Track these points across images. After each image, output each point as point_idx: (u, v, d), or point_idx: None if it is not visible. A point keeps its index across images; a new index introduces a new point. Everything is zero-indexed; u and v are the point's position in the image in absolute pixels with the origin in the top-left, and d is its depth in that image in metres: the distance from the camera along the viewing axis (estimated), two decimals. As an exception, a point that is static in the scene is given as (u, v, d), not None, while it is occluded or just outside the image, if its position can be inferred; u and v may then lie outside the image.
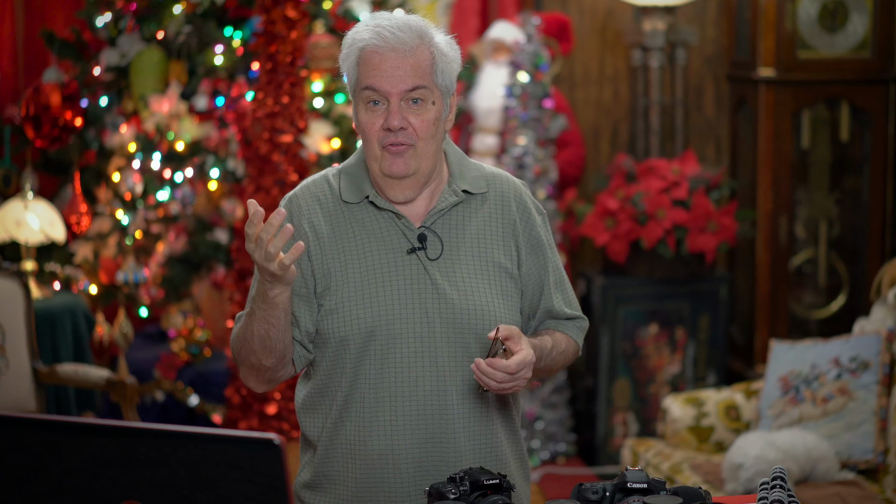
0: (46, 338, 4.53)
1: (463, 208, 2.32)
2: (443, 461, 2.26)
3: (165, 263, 4.98)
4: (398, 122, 2.22)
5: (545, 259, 2.36)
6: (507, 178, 2.38)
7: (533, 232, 2.35)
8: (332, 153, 5.03)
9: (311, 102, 4.94)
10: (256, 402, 4.48)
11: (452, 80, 2.28)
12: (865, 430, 3.96)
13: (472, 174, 2.35)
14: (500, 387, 2.16)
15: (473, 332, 2.26)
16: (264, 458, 1.64)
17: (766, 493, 2.10)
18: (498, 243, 2.31)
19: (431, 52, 2.24)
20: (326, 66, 5.05)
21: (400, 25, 2.23)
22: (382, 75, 2.21)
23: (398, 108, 2.22)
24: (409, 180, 2.26)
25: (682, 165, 5.32)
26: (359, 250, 2.28)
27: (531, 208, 2.36)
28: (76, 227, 4.94)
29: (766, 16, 5.31)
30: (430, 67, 2.23)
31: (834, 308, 5.61)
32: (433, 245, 2.28)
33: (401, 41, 2.21)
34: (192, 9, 4.94)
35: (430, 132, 2.24)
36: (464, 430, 2.27)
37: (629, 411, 5.33)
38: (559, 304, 2.37)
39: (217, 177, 4.90)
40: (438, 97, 2.25)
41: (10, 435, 1.74)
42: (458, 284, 2.27)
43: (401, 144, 2.23)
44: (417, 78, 2.21)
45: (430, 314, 2.25)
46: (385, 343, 2.25)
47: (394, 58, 2.21)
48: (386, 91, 2.22)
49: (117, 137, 4.95)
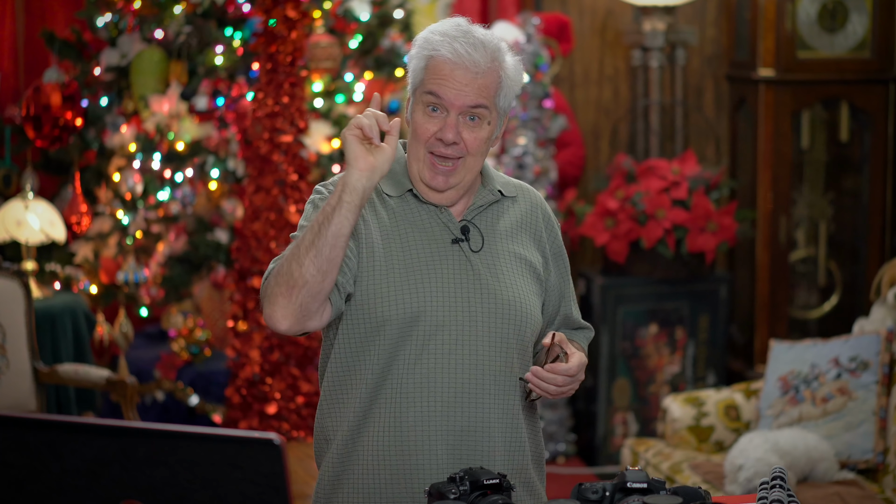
0: (47, 338, 4.53)
1: (498, 207, 2.39)
2: (477, 450, 2.28)
3: (165, 263, 4.99)
4: (452, 136, 2.26)
5: (566, 268, 2.46)
6: (530, 188, 2.47)
7: (556, 241, 2.44)
8: (332, 153, 5.03)
9: (311, 102, 4.94)
10: (256, 402, 4.48)
11: (511, 103, 2.33)
12: (865, 430, 3.97)
13: (502, 180, 2.43)
14: (559, 391, 2.24)
15: (513, 324, 2.31)
16: (264, 458, 1.64)
17: (766, 493, 2.10)
18: (528, 243, 2.40)
19: (500, 75, 2.28)
20: (326, 66, 5.05)
21: (475, 44, 2.26)
22: (449, 87, 2.25)
23: (455, 121, 2.26)
24: (452, 192, 2.33)
25: (682, 165, 5.32)
26: (402, 238, 2.31)
27: (553, 219, 2.46)
28: (76, 227, 4.94)
29: (766, 16, 5.31)
30: (496, 90, 2.28)
31: (833, 308, 5.61)
32: (475, 238, 2.34)
33: (474, 62, 2.25)
34: (193, 9, 4.94)
35: (480, 149, 2.30)
36: (497, 421, 2.30)
37: (629, 411, 5.33)
38: (576, 312, 2.49)
39: (217, 177, 4.90)
40: (495, 118, 2.31)
41: (10, 435, 1.74)
42: (500, 276, 2.32)
43: (448, 159, 2.28)
44: (481, 97, 2.26)
45: (473, 304, 2.29)
46: (428, 329, 2.27)
47: (463, 75, 2.25)
48: (448, 102, 2.26)
49: (117, 137, 4.96)
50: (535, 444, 2.41)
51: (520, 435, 2.34)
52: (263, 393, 4.46)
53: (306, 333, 2.26)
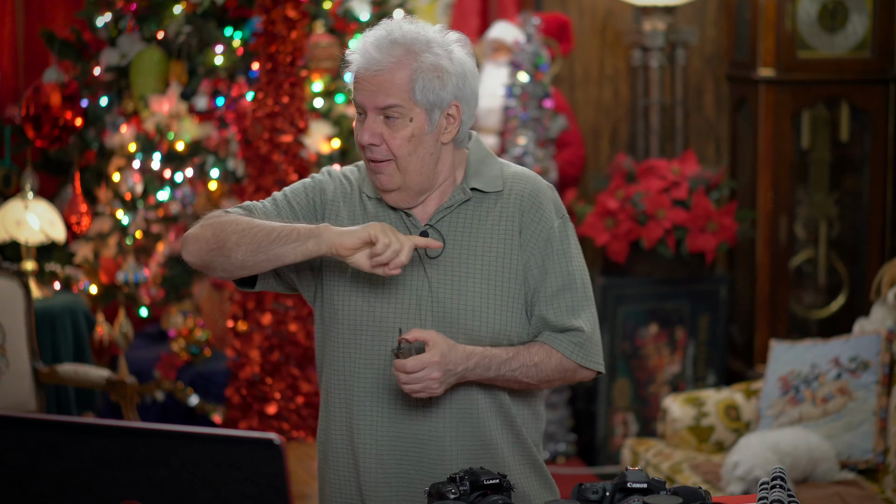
0: (46, 338, 4.53)
1: (473, 206, 2.32)
2: (426, 458, 2.29)
3: (165, 263, 4.99)
4: (367, 138, 2.25)
5: (550, 263, 2.32)
6: (529, 178, 2.36)
7: (540, 233, 2.32)
8: (332, 153, 5.04)
9: (311, 102, 4.94)
10: (256, 402, 4.48)
11: (445, 94, 2.26)
12: (865, 430, 3.97)
13: (491, 173, 2.35)
14: (410, 388, 2.18)
15: (463, 332, 2.27)
16: (264, 458, 1.64)
17: (766, 493, 2.10)
18: (504, 242, 2.31)
19: (412, 67, 2.24)
20: (326, 66, 5.05)
21: (380, 44, 2.25)
22: (359, 90, 2.26)
23: (372, 123, 2.26)
24: (398, 193, 2.30)
25: (682, 165, 5.32)
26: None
27: (546, 210, 2.33)
28: (76, 227, 4.94)
29: (766, 16, 5.31)
30: (409, 84, 2.23)
31: (834, 308, 5.61)
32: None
33: (375, 61, 2.23)
34: (193, 9, 4.94)
35: (406, 149, 2.26)
36: (450, 430, 2.29)
37: (629, 411, 5.33)
38: (555, 313, 2.31)
39: (217, 177, 4.90)
40: (419, 114, 2.25)
41: (10, 435, 1.74)
42: (454, 283, 2.28)
43: (377, 161, 2.27)
44: (389, 96, 2.23)
45: (423, 312, 2.27)
46: (373, 336, 2.29)
47: (369, 76, 2.24)
48: (362, 104, 2.26)
49: (117, 137, 4.96)
50: (519, 445, 2.35)
51: (484, 440, 2.31)
52: (263, 393, 4.46)
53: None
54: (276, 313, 4.44)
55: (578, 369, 2.33)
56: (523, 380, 2.28)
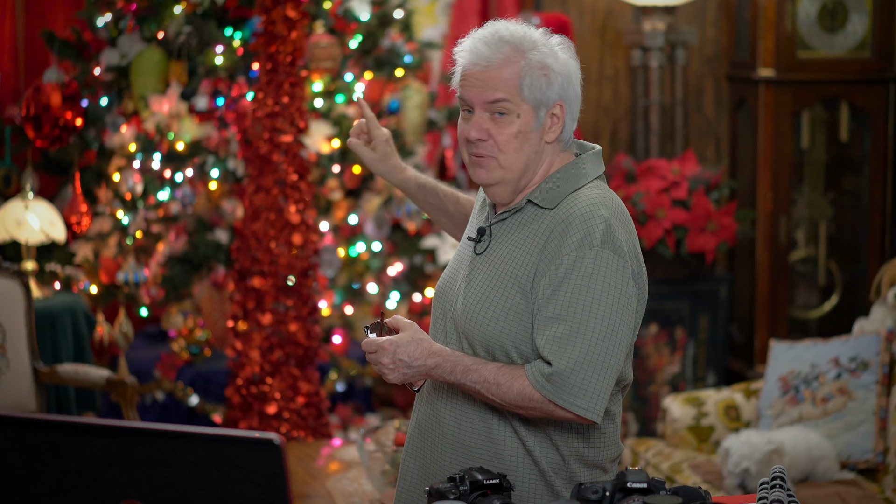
0: (47, 338, 4.53)
1: (521, 217, 2.35)
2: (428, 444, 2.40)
3: (165, 263, 4.99)
4: (476, 134, 2.30)
5: (557, 289, 2.23)
6: (587, 203, 2.28)
7: (557, 259, 2.24)
8: (332, 153, 5.04)
9: (311, 102, 4.94)
10: (256, 402, 4.48)
11: (551, 93, 2.29)
12: (865, 430, 3.97)
13: (560, 190, 2.32)
14: (374, 369, 2.32)
15: (461, 330, 2.35)
16: (264, 458, 1.64)
17: (766, 493, 2.10)
18: (524, 257, 2.30)
19: (521, 65, 2.27)
20: (326, 66, 5.05)
21: (490, 41, 2.29)
22: (468, 86, 2.30)
23: (480, 119, 2.29)
24: (498, 188, 2.34)
25: (682, 165, 5.32)
26: (469, 228, 2.48)
27: (571, 238, 2.24)
28: (76, 227, 4.94)
29: (766, 16, 5.31)
30: (517, 80, 2.27)
31: (826, 308, 5.61)
32: (485, 241, 2.38)
33: (484, 57, 2.28)
34: (193, 9, 4.94)
35: (512, 145, 2.29)
36: (448, 418, 2.36)
37: (629, 411, 5.33)
38: (540, 338, 2.23)
39: (217, 177, 4.90)
40: (527, 110, 2.28)
41: (10, 435, 1.74)
42: (477, 283, 2.34)
43: (481, 156, 2.31)
44: (498, 91, 2.27)
45: (456, 301, 2.38)
46: (433, 310, 2.45)
47: (476, 71, 2.29)
48: (470, 100, 2.30)
49: (117, 137, 4.95)
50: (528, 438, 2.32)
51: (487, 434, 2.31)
52: (263, 393, 4.46)
53: None
54: (276, 313, 4.44)
55: (548, 404, 2.21)
56: (488, 396, 2.25)
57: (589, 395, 2.20)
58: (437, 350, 2.27)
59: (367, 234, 5.27)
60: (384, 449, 3.40)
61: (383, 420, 5.06)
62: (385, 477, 3.37)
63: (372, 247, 5.29)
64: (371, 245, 5.28)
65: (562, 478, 2.32)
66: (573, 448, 2.31)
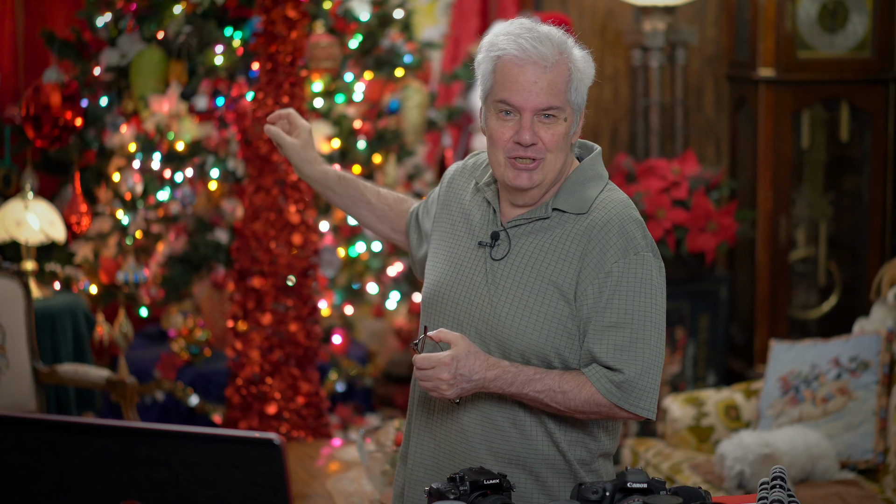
0: (46, 338, 4.52)
1: (549, 224, 2.30)
2: (455, 450, 2.32)
3: (165, 263, 4.98)
4: (530, 138, 2.24)
5: (606, 297, 2.24)
6: (614, 207, 2.31)
7: (602, 266, 2.24)
8: (332, 153, 5.03)
9: (311, 102, 4.94)
10: (256, 402, 4.48)
11: (584, 96, 2.29)
12: (865, 430, 3.97)
13: (584, 195, 2.31)
14: (421, 384, 2.22)
15: (496, 340, 2.27)
16: (264, 458, 1.64)
17: (766, 493, 2.10)
18: (565, 264, 2.27)
19: (569, 68, 2.25)
20: (326, 66, 5.05)
21: (541, 38, 2.24)
22: (519, 90, 2.22)
23: (530, 123, 2.24)
24: (535, 190, 2.30)
25: (682, 165, 5.32)
26: (455, 230, 2.40)
27: (614, 243, 2.26)
28: (76, 227, 4.94)
29: (766, 16, 5.31)
30: (566, 85, 2.24)
31: (829, 308, 5.61)
32: (502, 246, 2.31)
33: (541, 55, 2.22)
34: (193, 9, 4.94)
35: (559, 146, 2.26)
36: (475, 428, 2.30)
37: (629, 411, 5.33)
38: (601, 348, 2.24)
39: (217, 177, 4.90)
40: (570, 114, 2.27)
41: (10, 435, 1.74)
42: (507, 290, 2.28)
43: (531, 160, 2.25)
44: (552, 97, 2.23)
45: (473, 306, 2.30)
46: (435, 319, 2.35)
47: (532, 72, 2.22)
48: (520, 106, 2.23)
49: (117, 137, 4.95)
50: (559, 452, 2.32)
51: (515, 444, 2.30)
52: (263, 393, 4.46)
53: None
54: (276, 313, 4.44)
55: (614, 408, 2.25)
56: (550, 404, 2.24)
57: (650, 397, 2.27)
58: (494, 362, 2.22)
59: (366, 234, 5.27)
60: (384, 449, 3.40)
61: (383, 420, 5.06)
62: (385, 477, 3.36)
63: (372, 247, 5.29)
64: (371, 245, 5.28)
65: (589, 471, 2.36)
66: (601, 443, 2.37)
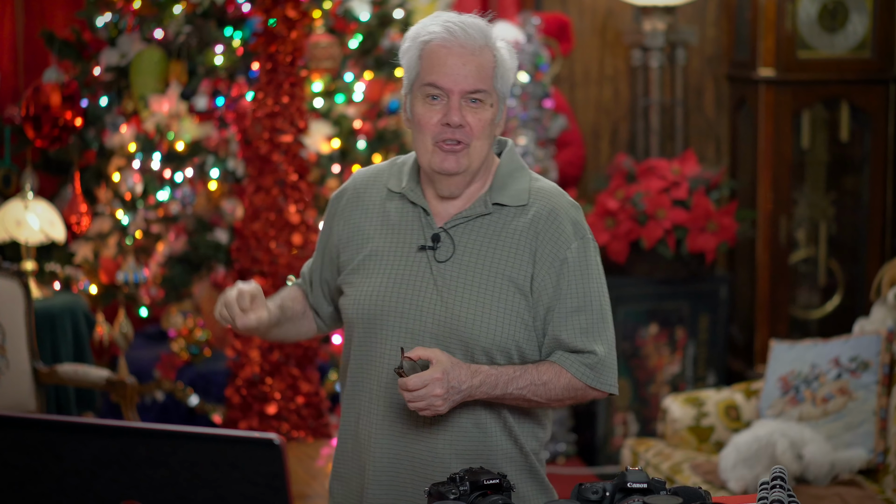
0: (46, 338, 4.53)
1: (491, 219, 2.30)
2: (417, 458, 2.28)
3: (165, 263, 4.98)
4: (458, 119, 2.23)
5: (563, 281, 2.27)
6: (552, 196, 2.33)
7: (557, 252, 2.27)
8: (332, 153, 5.03)
9: (311, 102, 4.94)
10: (256, 402, 4.48)
11: (508, 87, 2.29)
12: (865, 430, 3.96)
13: (517, 187, 2.32)
14: (415, 406, 2.16)
15: (459, 340, 2.25)
16: (264, 458, 1.64)
17: (766, 493, 2.10)
18: (517, 257, 2.27)
19: (494, 56, 2.26)
20: (326, 66, 5.05)
21: (468, 24, 2.26)
22: (447, 72, 2.23)
23: (458, 105, 2.24)
24: (458, 177, 2.28)
25: (682, 165, 5.32)
26: (382, 240, 2.33)
27: (564, 230, 2.29)
28: (76, 227, 4.94)
29: (766, 16, 5.31)
30: (493, 71, 2.25)
31: (829, 308, 5.60)
32: (445, 247, 2.29)
33: (470, 38, 2.23)
34: (192, 9, 4.94)
35: (485, 132, 2.26)
36: (442, 433, 2.27)
37: (629, 411, 5.33)
38: (568, 333, 2.28)
39: (217, 177, 4.90)
40: (496, 101, 2.27)
41: (10, 435, 1.74)
42: (460, 290, 2.26)
43: (457, 143, 2.25)
44: (479, 81, 2.23)
45: (424, 313, 2.26)
46: (381, 333, 2.28)
47: (461, 54, 2.23)
48: (448, 88, 2.23)
49: (117, 137, 4.95)
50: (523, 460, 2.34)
51: (479, 439, 2.29)
52: (263, 393, 4.46)
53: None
54: (276, 313, 4.44)
55: (588, 390, 2.31)
56: (532, 398, 2.26)
57: (615, 373, 2.37)
58: (475, 368, 2.21)
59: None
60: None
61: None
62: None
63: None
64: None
65: (538, 461, 2.38)
66: (546, 432, 2.40)
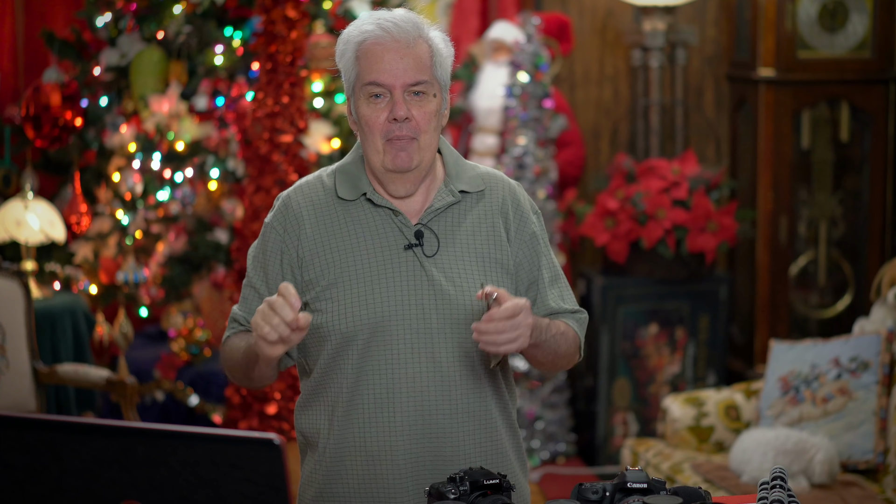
0: (46, 338, 4.53)
1: (458, 207, 2.33)
2: (440, 457, 2.26)
3: (165, 263, 4.98)
4: (404, 112, 2.22)
5: (538, 255, 2.36)
6: (501, 176, 2.40)
7: (526, 228, 2.35)
8: (332, 153, 5.03)
9: (311, 102, 4.94)
10: (256, 402, 4.48)
11: (448, 75, 2.30)
12: (865, 430, 3.96)
13: (469, 174, 2.36)
14: (506, 338, 2.09)
15: (467, 329, 2.23)
16: (264, 458, 1.64)
17: (766, 493, 2.10)
18: (492, 239, 2.32)
19: (430, 46, 2.26)
20: (326, 66, 5.05)
21: (399, 19, 2.25)
22: (386, 69, 2.22)
23: (402, 98, 2.23)
24: (412, 174, 2.27)
25: (682, 165, 5.32)
26: (358, 248, 2.27)
27: (525, 205, 2.38)
28: (76, 227, 4.94)
29: (766, 16, 5.31)
30: (430, 60, 2.25)
31: (840, 308, 5.60)
32: (430, 242, 2.28)
33: (403, 32, 2.23)
34: (192, 9, 4.94)
35: (431, 125, 2.26)
36: (465, 426, 2.27)
37: (629, 411, 5.33)
38: (555, 300, 2.36)
39: (217, 177, 4.90)
40: (438, 90, 2.27)
41: (10, 435, 1.74)
42: (455, 280, 2.27)
43: (405, 137, 2.23)
44: (419, 72, 2.23)
45: (427, 310, 2.25)
46: (384, 340, 2.24)
47: (396, 49, 2.22)
48: (389, 84, 2.22)
49: (117, 137, 4.96)
50: (514, 439, 2.37)
51: (493, 434, 2.31)
52: (263, 393, 4.46)
53: None
54: (276, 313, 4.44)
55: (577, 343, 2.36)
56: (555, 349, 2.28)
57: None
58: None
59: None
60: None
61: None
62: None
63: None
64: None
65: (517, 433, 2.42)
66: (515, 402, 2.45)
